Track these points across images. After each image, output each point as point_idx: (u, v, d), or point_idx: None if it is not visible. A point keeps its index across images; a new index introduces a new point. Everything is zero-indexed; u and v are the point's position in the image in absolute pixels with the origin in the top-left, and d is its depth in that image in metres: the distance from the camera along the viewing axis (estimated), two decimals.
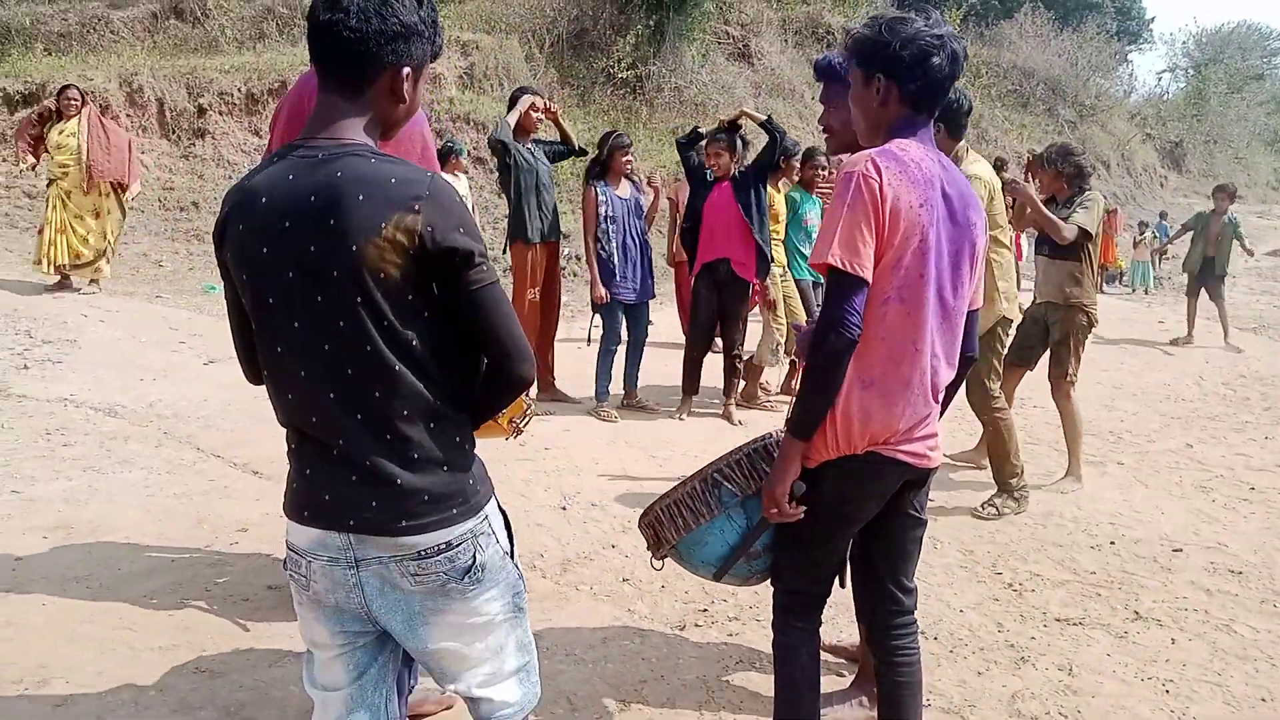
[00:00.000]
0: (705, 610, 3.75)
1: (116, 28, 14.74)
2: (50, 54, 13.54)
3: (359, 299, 1.61)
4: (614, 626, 3.58)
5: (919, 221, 2.16)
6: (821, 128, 2.77)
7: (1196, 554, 4.57)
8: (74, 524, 4.19)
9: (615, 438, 6.04)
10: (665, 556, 2.65)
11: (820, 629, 2.54)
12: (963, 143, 4.59)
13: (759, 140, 6.64)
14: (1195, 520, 5.04)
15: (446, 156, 8.91)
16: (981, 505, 4.99)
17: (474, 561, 1.75)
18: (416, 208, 1.61)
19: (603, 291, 6.44)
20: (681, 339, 7.15)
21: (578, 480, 5.15)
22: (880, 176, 2.13)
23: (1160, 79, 42.43)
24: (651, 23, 17.08)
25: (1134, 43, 37.29)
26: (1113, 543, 4.66)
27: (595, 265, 6.46)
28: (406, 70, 1.69)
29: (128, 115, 12.37)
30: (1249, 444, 6.59)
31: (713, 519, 2.46)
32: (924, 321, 2.21)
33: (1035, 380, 5.82)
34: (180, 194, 12.13)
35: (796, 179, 7.27)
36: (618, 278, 6.48)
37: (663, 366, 7.51)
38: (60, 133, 8.59)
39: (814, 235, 6.57)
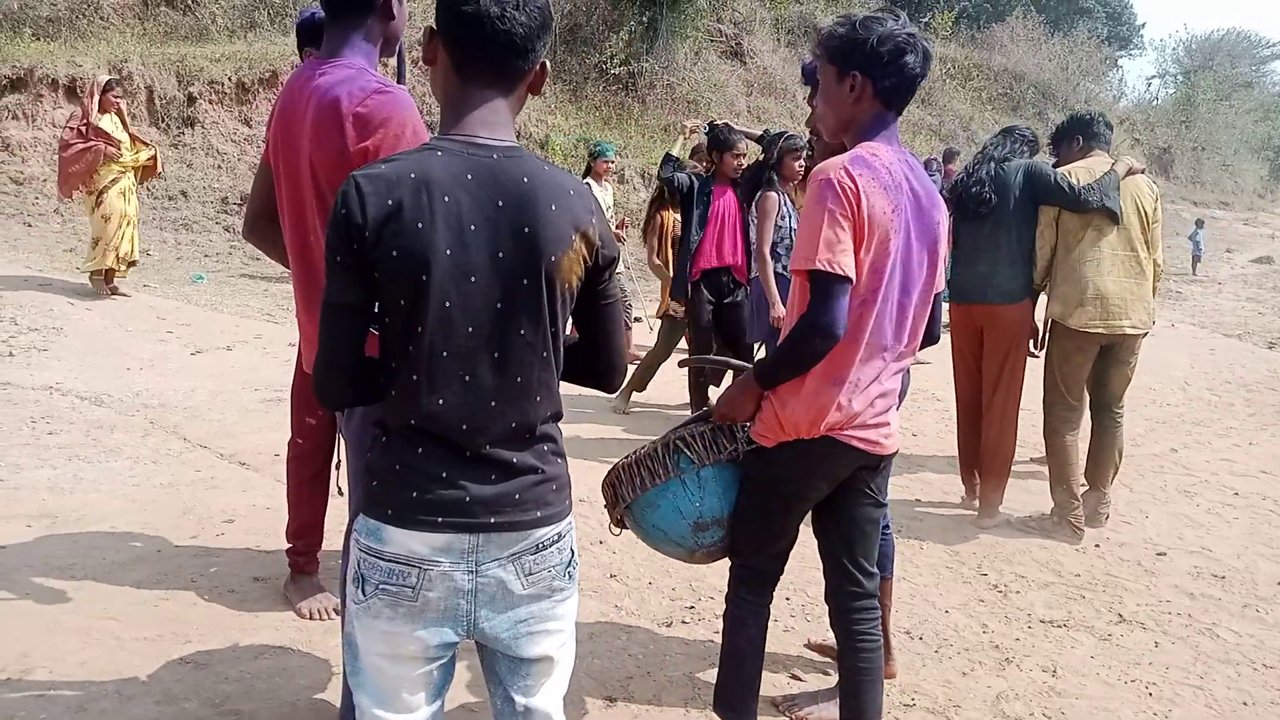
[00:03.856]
0: (692, 607, 3.75)
1: (106, 14, 14.63)
2: (39, 39, 13.43)
3: (545, 307, 1.64)
4: (601, 622, 3.58)
5: (889, 227, 2.26)
6: (809, 130, 2.85)
7: (1180, 558, 4.60)
8: (58, 513, 4.17)
9: (606, 434, 6.04)
10: (621, 521, 2.74)
11: (771, 604, 2.66)
12: (1104, 154, 4.78)
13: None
14: (1179, 524, 5.07)
15: (594, 159, 8.23)
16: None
17: (572, 554, 1.77)
18: (593, 220, 1.68)
19: (780, 311, 5.56)
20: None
21: None
22: (855, 183, 2.22)
23: (1150, 85, 42.68)
24: (645, 19, 17.09)
25: (1124, 48, 37.43)
26: (1097, 545, 4.69)
27: (774, 284, 5.50)
28: (545, 64, 1.73)
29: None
30: (1233, 449, 6.64)
31: (667, 481, 2.54)
32: (885, 319, 2.32)
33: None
34: (169, 183, 12.06)
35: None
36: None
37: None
38: (115, 127, 8.28)
39: None
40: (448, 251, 1.57)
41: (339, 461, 3.27)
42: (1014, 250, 4.70)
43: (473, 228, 1.58)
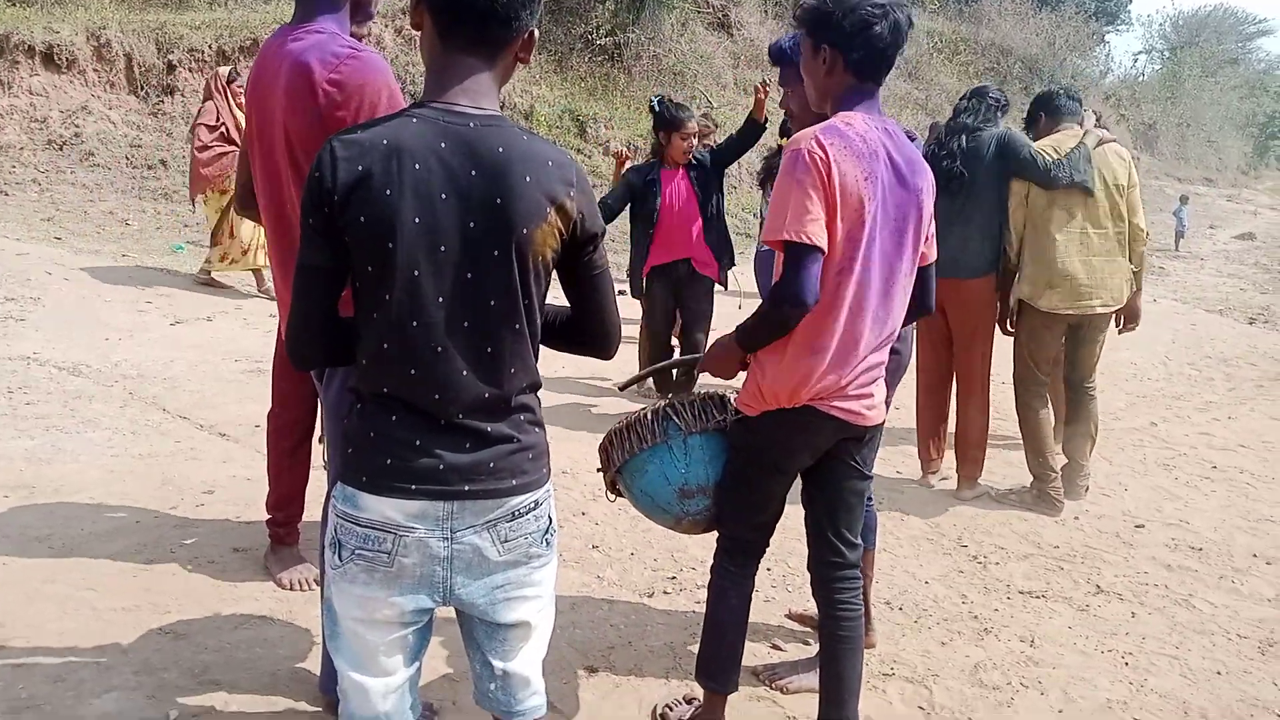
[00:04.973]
0: (674, 578, 3.77)
1: None
2: (14, 5, 13.18)
3: (517, 280, 1.63)
4: (582, 594, 3.59)
5: (863, 194, 2.25)
6: (784, 110, 2.88)
7: (1158, 530, 4.63)
8: (36, 483, 4.13)
9: (589, 407, 6.03)
10: (616, 487, 2.78)
11: (755, 576, 2.69)
12: (1073, 128, 4.67)
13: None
14: (1158, 497, 5.11)
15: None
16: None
17: (550, 521, 1.78)
18: (571, 193, 1.66)
19: None
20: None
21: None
22: (826, 153, 2.23)
23: (1136, 60, 42.67)
24: None
25: (1111, 23, 37.34)
26: (1076, 518, 4.72)
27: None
28: (533, 32, 1.70)
29: (94, 70, 12.12)
30: (1212, 423, 6.68)
31: (654, 446, 2.60)
32: (866, 288, 2.32)
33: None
34: (148, 152, 11.89)
35: None
36: None
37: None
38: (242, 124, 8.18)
39: None
40: (415, 220, 1.56)
41: (321, 434, 3.26)
42: (984, 225, 4.62)
43: (444, 197, 1.57)
